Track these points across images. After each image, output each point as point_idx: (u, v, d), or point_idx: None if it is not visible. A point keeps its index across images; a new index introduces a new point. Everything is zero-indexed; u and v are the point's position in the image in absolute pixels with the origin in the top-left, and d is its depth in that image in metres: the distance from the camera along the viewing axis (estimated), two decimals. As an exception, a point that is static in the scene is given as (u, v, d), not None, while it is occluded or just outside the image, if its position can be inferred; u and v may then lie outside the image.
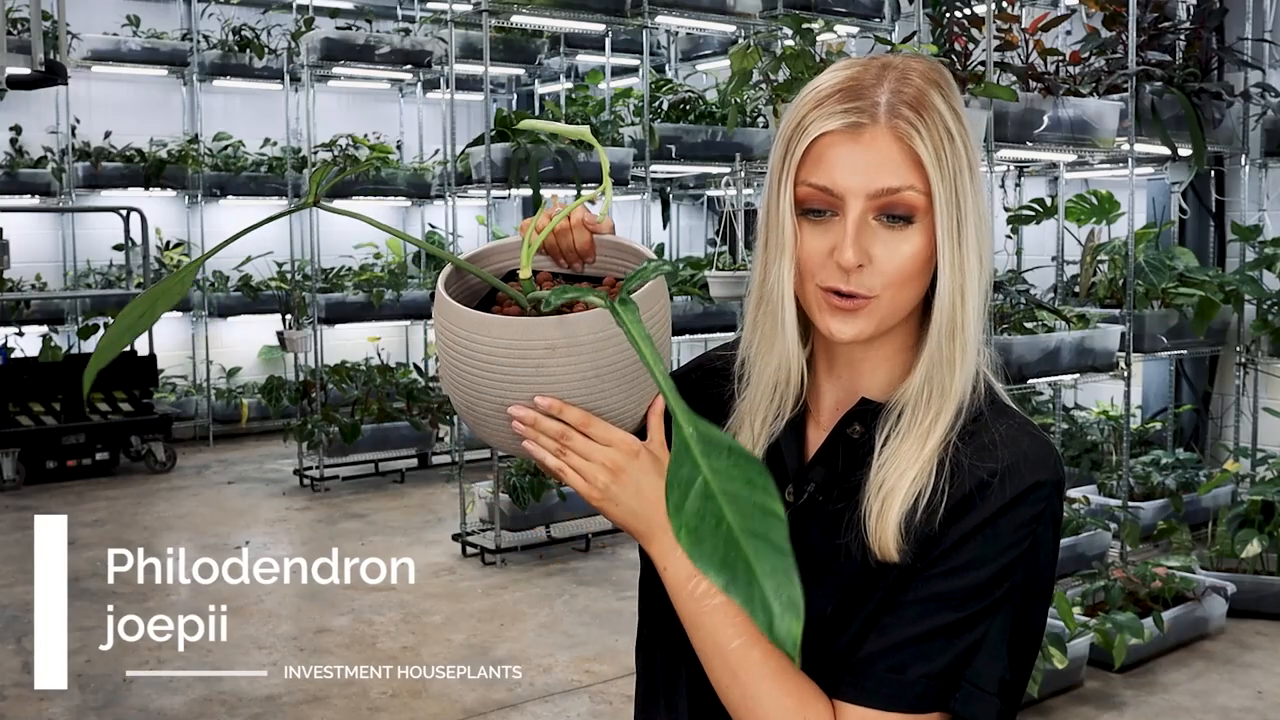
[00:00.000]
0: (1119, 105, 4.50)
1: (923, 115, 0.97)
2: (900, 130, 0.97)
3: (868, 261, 0.98)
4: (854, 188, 0.97)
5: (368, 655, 4.35)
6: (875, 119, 0.97)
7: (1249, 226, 5.23)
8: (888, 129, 0.97)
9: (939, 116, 0.98)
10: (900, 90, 0.98)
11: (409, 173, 8.30)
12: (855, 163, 0.97)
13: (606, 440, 0.98)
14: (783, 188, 1.01)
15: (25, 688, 4.08)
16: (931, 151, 0.97)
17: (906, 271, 0.99)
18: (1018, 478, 1.00)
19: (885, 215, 0.98)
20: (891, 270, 0.98)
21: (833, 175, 0.98)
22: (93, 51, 8.33)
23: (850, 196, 0.98)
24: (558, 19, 5.65)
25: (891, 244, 0.98)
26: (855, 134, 0.98)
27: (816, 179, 0.99)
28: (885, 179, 0.97)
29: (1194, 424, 5.86)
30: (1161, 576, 4.27)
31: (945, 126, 0.98)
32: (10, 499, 6.87)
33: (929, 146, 0.97)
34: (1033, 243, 6.12)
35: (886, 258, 0.98)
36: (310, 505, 6.77)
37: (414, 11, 8.41)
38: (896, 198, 0.97)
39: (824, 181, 0.98)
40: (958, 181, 0.98)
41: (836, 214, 0.99)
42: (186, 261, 8.78)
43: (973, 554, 0.99)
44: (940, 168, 0.97)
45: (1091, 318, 4.53)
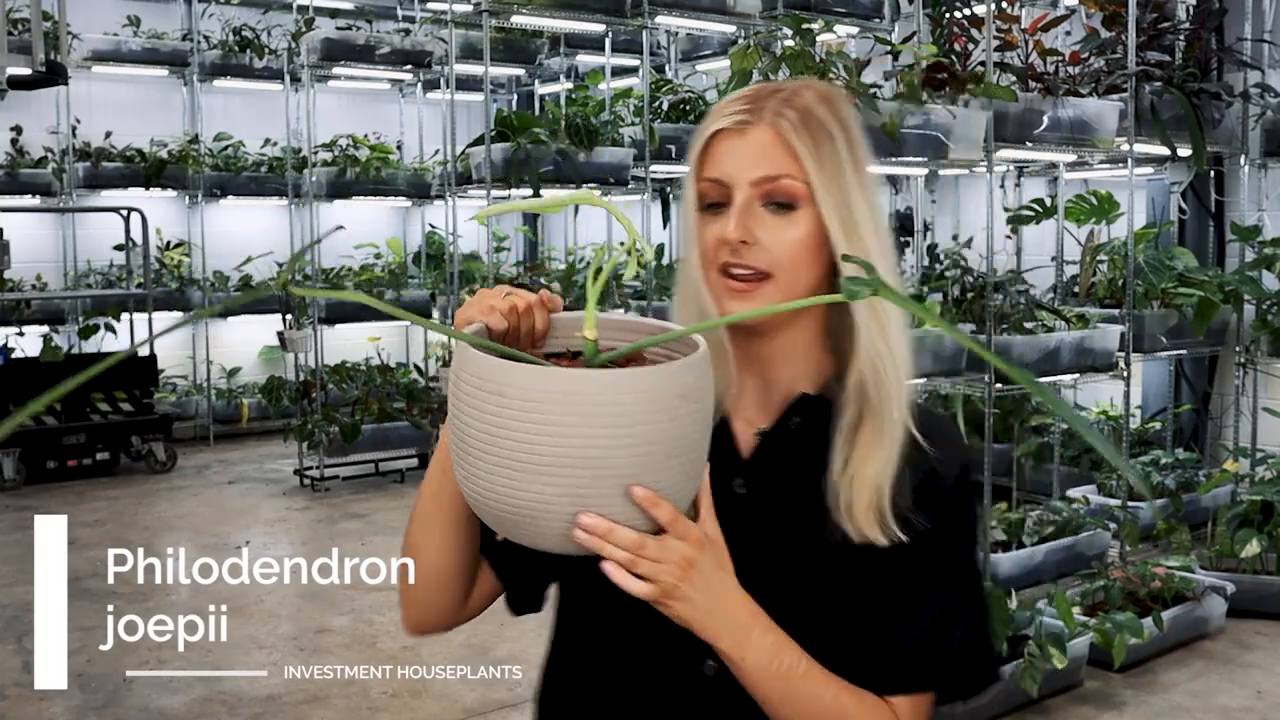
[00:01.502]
0: (1119, 105, 4.50)
1: (803, 117, 1.10)
2: (780, 128, 1.09)
3: (752, 239, 1.08)
4: (738, 176, 1.09)
5: (368, 655, 4.36)
6: (760, 118, 1.10)
7: (1248, 226, 5.23)
8: (769, 126, 1.09)
9: (819, 121, 1.10)
10: (787, 100, 1.11)
11: (409, 173, 8.30)
12: (739, 154, 1.10)
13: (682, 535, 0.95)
14: (687, 189, 1.13)
15: (25, 688, 4.08)
16: (809, 145, 1.08)
17: (792, 254, 1.08)
18: (960, 458, 1.14)
19: (769, 202, 1.09)
20: (778, 251, 1.08)
21: (722, 167, 1.10)
22: (93, 52, 8.33)
23: (736, 184, 1.09)
24: (558, 19, 5.66)
25: (777, 228, 1.09)
26: (741, 130, 1.10)
27: (710, 173, 1.11)
28: (765, 167, 1.09)
29: (1193, 424, 5.87)
30: (1161, 576, 4.27)
31: (825, 129, 1.10)
32: (10, 499, 6.88)
33: (806, 141, 1.08)
34: (1032, 243, 6.13)
35: (772, 240, 1.08)
36: (310, 505, 6.77)
37: (414, 12, 8.41)
38: (776, 185, 1.08)
39: (715, 174, 1.11)
40: (840, 177, 1.09)
41: (727, 204, 1.10)
42: (187, 261, 8.79)
43: (956, 534, 1.12)
44: (819, 161, 1.08)
45: (1091, 318, 4.54)
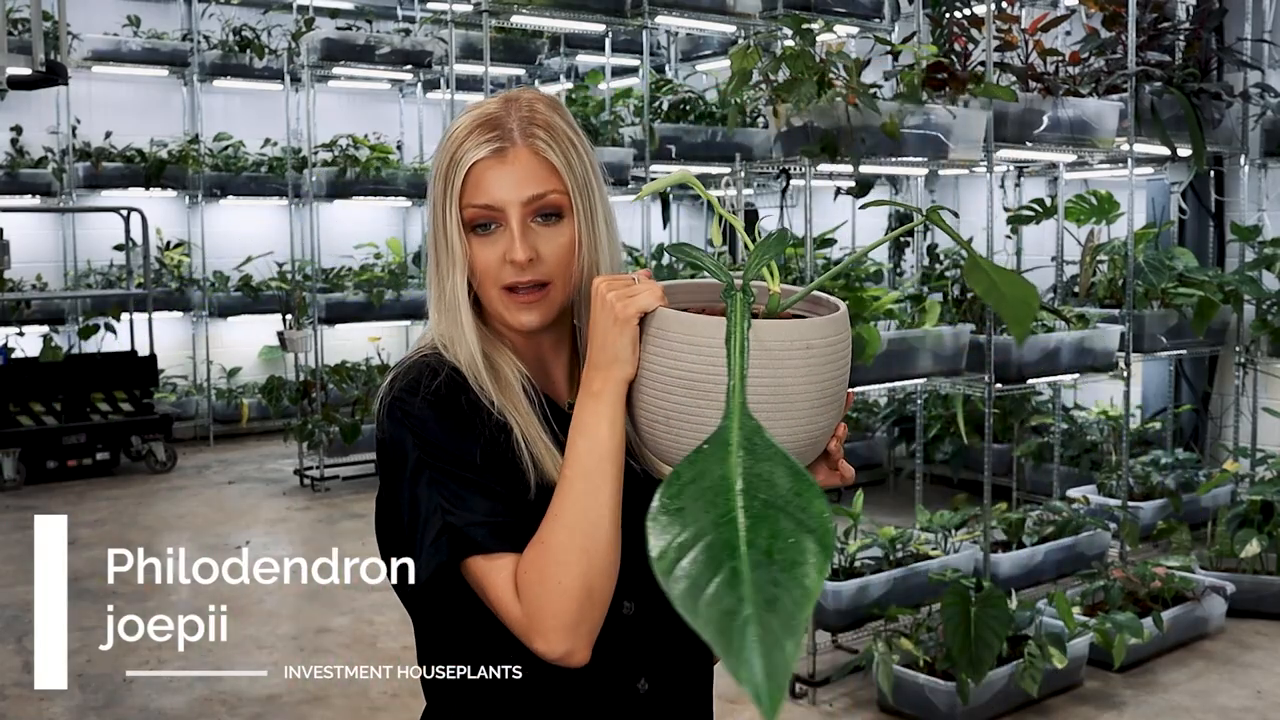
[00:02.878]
0: (1119, 105, 4.50)
1: (550, 132, 1.22)
2: (536, 147, 1.21)
3: (536, 256, 1.20)
4: (510, 200, 1.20)
5: (368, 655, 4.36)
6: (514, 141, 1.21)
7: (1248, 226, 5.23)
8: (525, 147, 1.21)
9: (561, 132, 1.23)
10: (529, 116, 1.23)
11: (409, 173, 8.29)
12: (506, 180, 1.20)
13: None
14: (448, 213, 1.22)
15: (25, 688, 4.08)
16: (562, 158, 1.21)
17: (565, 258, 1.22)
18: None
19: (539, 216, 1.21)
20: (555, 259, 1.21)
21: (491, 193, 1.20)
22: (93, 52, 8.33)
23: (509, 207, 1.21)
24: (558, 19, 5.65)
25: (550, 238, 1.21)
26: (501, 156, 1.21)
27: (478, 199, 1.21)
28: (533, 187, 1.21)
29: (1193, 424, 5.87)
30: (1161, 576, 4.27)
31: (569, 138, 1.23)
32: (11, 499, 6.88)
33: (559, 155, 1.21)
34: (1032, 243, 6.13)
35: (549, 250, 1.21)
36: (310, 505, 6.77)
37: (414, 12, 8.41)
38: (545, 200, 1.21)
39: (485, 200, 1.21)
40: (587, 179, 1.23)
41: (501, 224, 1.21)
42: (187, 261, 8.79)
43: None
44: (571, 170, 1.22)
45: (1091, 318, 4.54)
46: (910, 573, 4.15)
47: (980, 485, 4.24)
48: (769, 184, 6.72)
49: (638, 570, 1.05)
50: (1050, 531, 4.54)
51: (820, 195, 6.09)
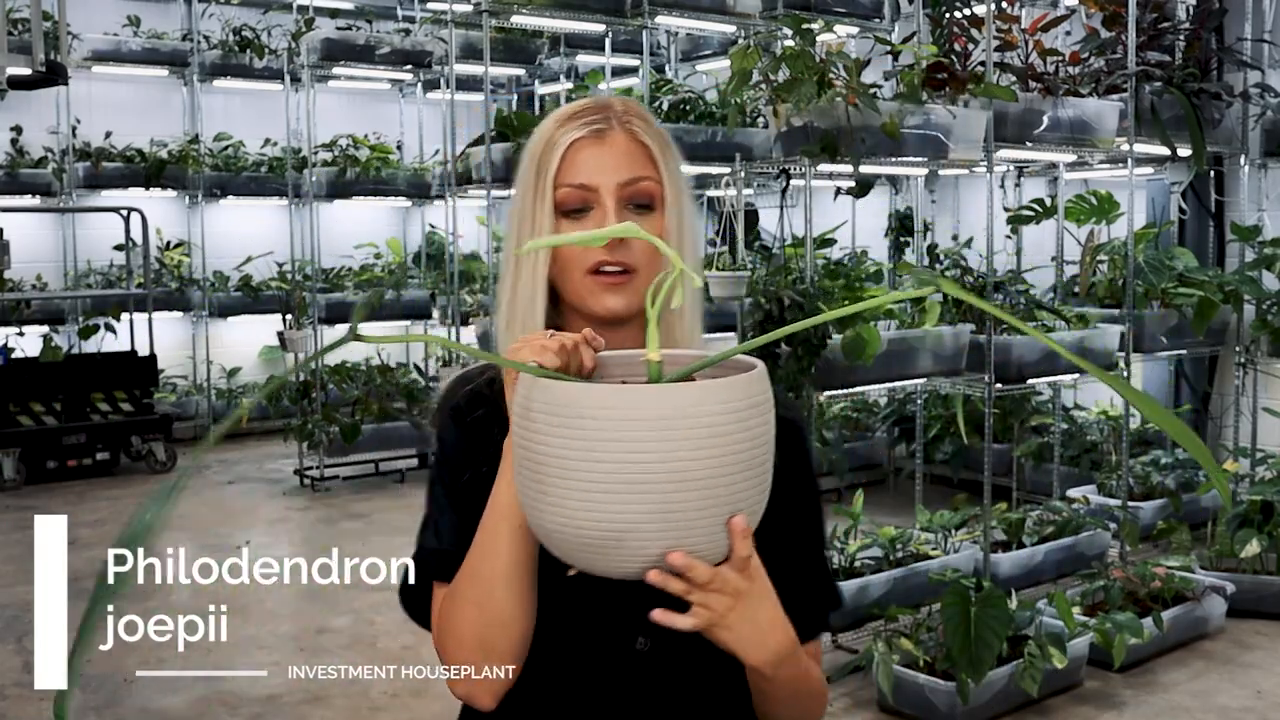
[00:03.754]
0: (1119, 105, 4.50)
1: (646, 122, 1.22)
2: (634, 131, 1.20)
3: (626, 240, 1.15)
4: (606, 180, 1.18)
5: (368, 655, 4.36)
6: (611, 125, 1.19)
7: (1248, 227, 5.23)
8: (623, 131, 1.19)
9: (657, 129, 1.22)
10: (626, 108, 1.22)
11: (409, 173, 8.30)
12: (603, 159, 1.18)
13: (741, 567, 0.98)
14: (540, 196, 1.18)
15: (25, 688, 4.08)
16: (659, 149, 1.20)
17: (651, 249, 1.16)
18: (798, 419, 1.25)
19: (633, 203, 1.19)
20: (643, 248, 1.17)
21: (587, 173, 1.18)
22: (93, 52, 8.33)
23: (605, 188, 1.18)
24: (558, 19, 5.65)
25: (643, 225, 1.13)
26: (599, 137, 1.18)
27: (574, 179, 1.18)
28: (630, 170, 1.18)
29: (1193, 424, 5.86)
30: (1161, 576, 4.27)
31: (663, 137, 1.22)
32: (11, 499, 6.88)
33: (656, 144, 1.20)
34: (1032, 243, 6.13)
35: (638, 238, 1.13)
36: (310, 505, 6.77)
37: (414, 12, 8.41)
38: (640, 186, 1.18)
39: (581, 179, 1.18)
40: (678, 179, 1.21)
41: (593, 207, 1.18)
42: (187, 261, 8.79)
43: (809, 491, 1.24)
44: (666, 163, 1.20)
45: (1091, 318, 4.54)
46: (910, 573, 4.15)
47: (980, 485, 4.24)
48: (769, 184, 6.72)
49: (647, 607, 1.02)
50: (1050, 531, 4.54)
51: (820, 195, 6.09)
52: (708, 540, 0.93)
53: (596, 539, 0.92)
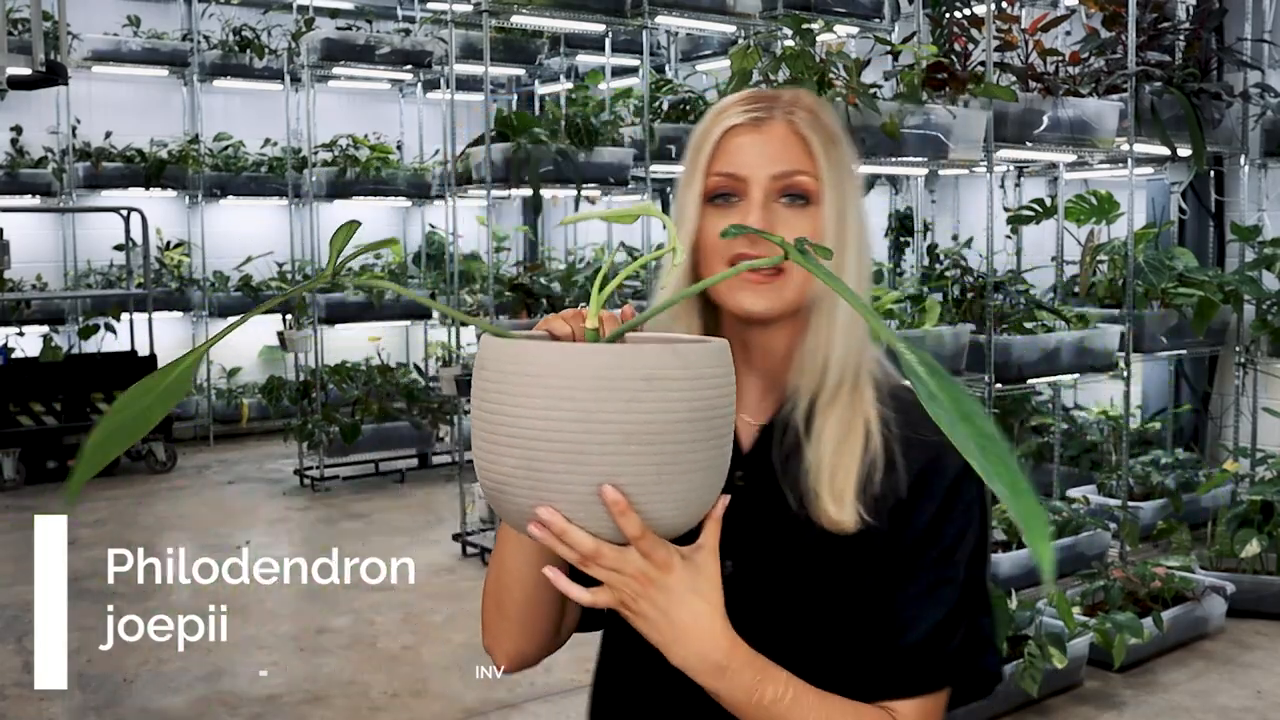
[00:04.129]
0: (1119, 105, 4.50)
1: (813, 116, 1.13)
2: (795, 123, 1.11)
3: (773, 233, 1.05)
4: (756, 170, 1.10)
5: (368, 655, 4.36)
6: (773, 114, 1.12)
7: (1248, 226, 5.23)
8: (784, 122, 1.12)
9: (825, 124, 1.13)
10: (794, 99, 1.14)
11: (409, 173, 8.30)
12: (757, 149, 1.11)
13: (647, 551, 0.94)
14: (690, 183, 1.13)
15: (25, 688, 4.08)
16: (822, 144, 1.11)
17: None
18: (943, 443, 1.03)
19: (785, 196, 1.11)
20: None
21: (738, 161, 1.11)
22: (93, 52, 8.33)
23: (754, 179, 1.10)
24: (558, 19, 5.65)
25: (793, 223, 1.09)
26: (757, 125, 1.11)
27: (724, 167, 1.11)
28: (783, 162, 1.10)
29: (1193, 424, 5.86)
30: (1161, 576, 4.27)
31: (831, 131, 1.13)
32: (10, 499, 6.88)
33: (819, 139, 1.11)
34: (1032, 243, 6.13)
35: (788, 234, 1.05)
36: (310, 505, 6.77)
37: (414, 12, 8.41)
38: (793, 180, 1.10)
39: (731, 168, 1.11)
40: (843, 178, 1.12)
41: (741, 198, 1.11)
42: (187, 261, 8.79)
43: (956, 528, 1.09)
44: (829, 159, 1.11)
45: (1091, 318, 4.53)
46: (910, 573, 4.14)
47: None
48: (769, 184, 6.70)
49: None
50: (1050, 531, 4.53)
51: (820, 195, 6.07)
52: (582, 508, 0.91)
53: (490, 486, 0.94)
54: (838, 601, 1.09)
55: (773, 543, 1.11)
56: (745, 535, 1.10)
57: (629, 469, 0.89)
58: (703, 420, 0.91)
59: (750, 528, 1.10)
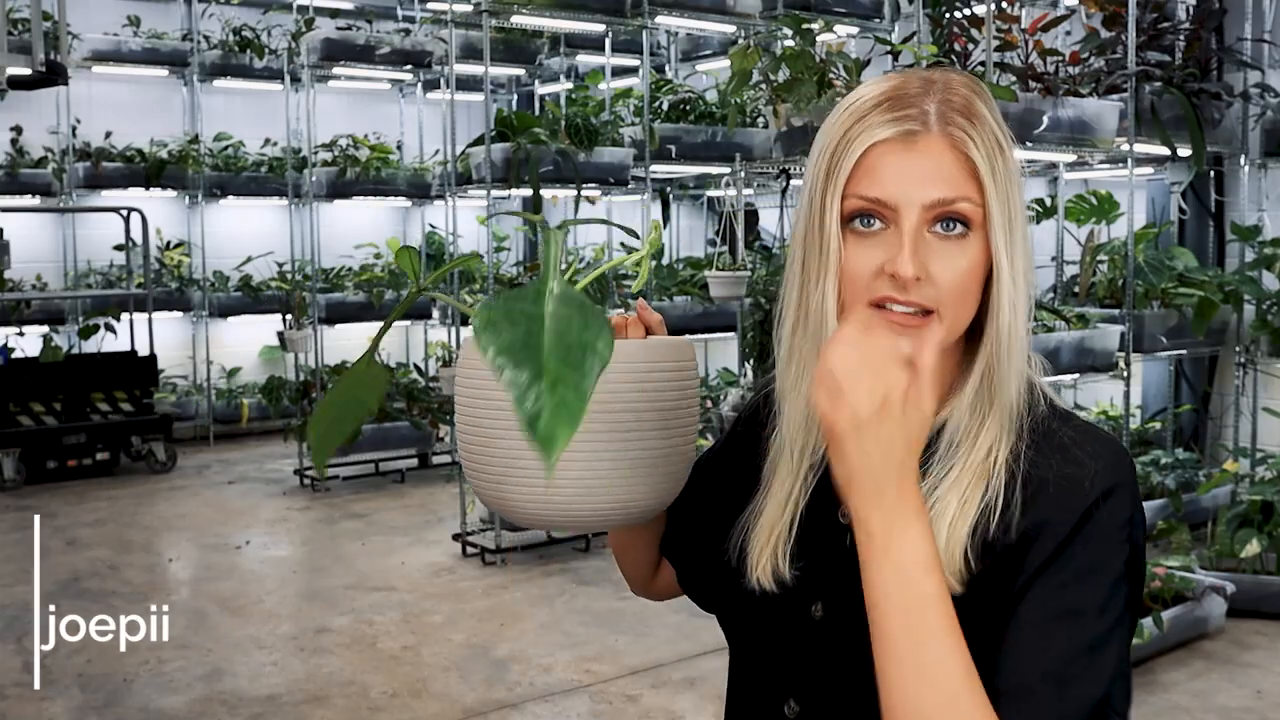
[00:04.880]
0: (1118, 105, 4.50)
1: (974, 124, 0.94)
2: (955, 138, 0.94)
3: (925, 275, 0.93)
4: (910, 198, 0.93)
5: (368, 655, 4.36)
6: (928, 126, 0.94)
7: (1248, 227, 5.23)
8: (942, 136, 0.94)
9: (989, 127, 0.95)
10: (949, 99, 0.95)
11: (409, 173, 8.30)
12: (911, 172, 0.93)
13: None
14: (829, 204, 0.95)
15: (25, 688, 4.08)
16: (986, 161, 0.94)
17: (964, 285, 0.94)
18: (1101, 479, 0.93)
19: (941, 225, 0.94)
20: (948, 284, 0.93)
21: (886, 186, 0.94)
22: (93, 52, 8.34)
23: (905, 207, 0.93)
24: (558, 19, 5.66)
25: (948, 257, 0.94)
26: (909, 142, 0.94)
27: (868, 191, 0.94)
28: (942, 189, 0.93)
29: (1193, 424, 5.86)
30: (1161, 576, 4.27)
31: (995, 137, 0.95)
32: (11, 499, 6.88)
33: (984, 155, 0.94)
34: (1032, 243, 6.13)
35: (943, 271, 0.93)
36: (310, 505, 6.77)
37: (414, 12, 8.41)
38: (953, 208, 0.93)
39: (876, 193, 0.94)
40: (1010, 192, 0.95)
41: (886, 225, 0.94)
42: (187, 261, 8.79)
43: (1086, 560, 0.91)
44: (995, 178, 0.94)
45: (1091, 318, 4.53)
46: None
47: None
48: (769, 184, 6.71)
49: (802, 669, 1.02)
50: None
51: (820, 195, 6.07)
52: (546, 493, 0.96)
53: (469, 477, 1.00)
54: None
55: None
56: (841, 576, 0.97)
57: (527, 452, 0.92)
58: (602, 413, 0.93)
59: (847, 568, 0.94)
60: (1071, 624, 0.90)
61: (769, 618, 1.04)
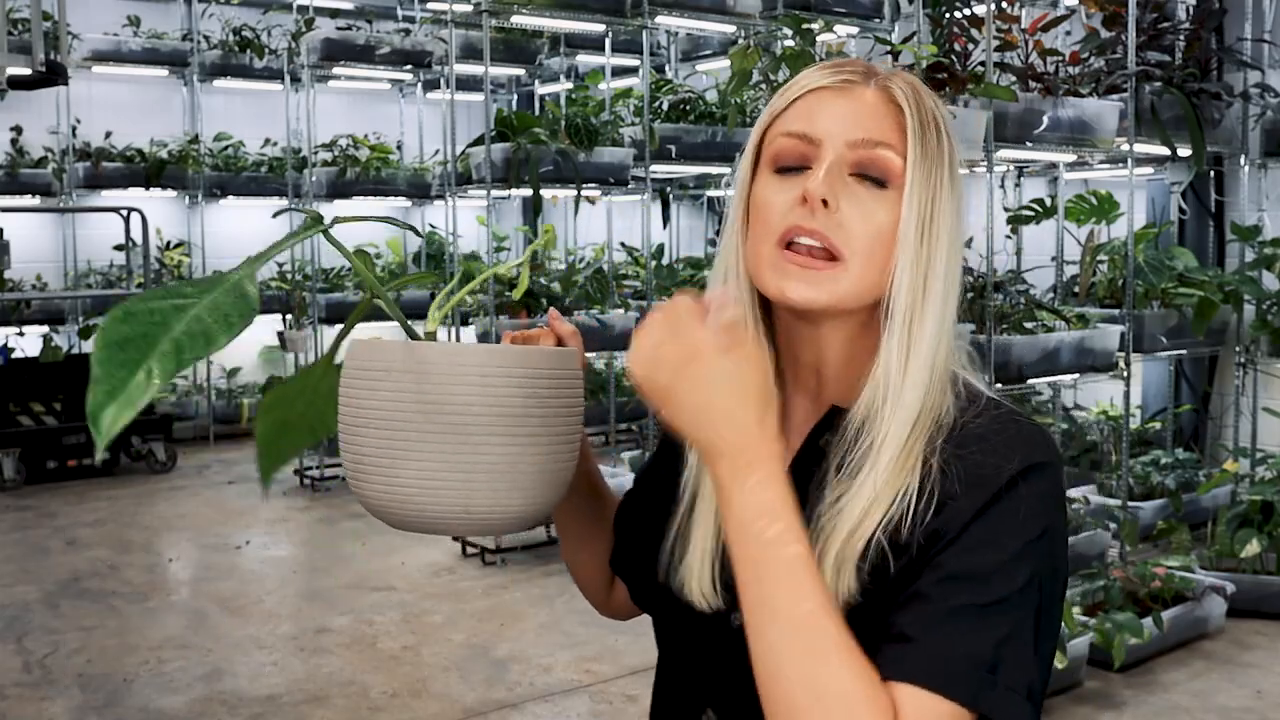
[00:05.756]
0: (1118, 105, 4.50)
1: (915, 90, 0.96)
2: (890, 91, 0.95)
3: (835, 206, 0.92)
4: (833, 133, 0.94)
5: (368, 655, 4.36)
6: (867, 81, 0.96)
7: (1248, 227, 5.23)
8: (878, 89, 0.96)
9: (929, 103, 0.96)
10: (895, 72, 0.98)
11: (409, 173, 8.30)
12: (839, 111, 0.95)
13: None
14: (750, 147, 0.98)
15: (25, 687, 4.08)
16: (916, 121, 0.94)
17: (875, 238, 0.92)
18: (1013, 458, 0.91)
19: (860, 173, 0.93)
20: (859, 231, 0.92)
21: (814, 122, 0.95)
22: (93, 52, 8.33)
23: (828, 140, 0.94)
24: (558, 19, 5.65)
25: (864, 204, 0.93)
26: (845, 89, 0.96)
27: (794, 126, 0.95)
28: (867, 129, 0.93)
29: (1193, 424, 5.87)
30: (1161, 576, 4.27)
31: (933, 115, 0.95)
32: (11, 499, 6.87)
33: (914, 114, 0.94)
34: (1032, 243, 6.13)
35: (856, 217, 0.92)
36: (310, 505, 6.77)
37: (414, 12, 8.41)
38: (874, 153, 0.93)
39: (803, 128, 0.95)
40: (935, 169, 0.94)
41: (810, 167, 0.94)
42: (187, 261, 8.79)
43: (984, 533, 0.88)
44: (922, 142, 0.93)
45: (1091, 318, 4.53)
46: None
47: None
48: (769, 184, 6.71)
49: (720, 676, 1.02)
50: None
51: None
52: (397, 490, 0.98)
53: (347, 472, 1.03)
54: None
55: None
56: None
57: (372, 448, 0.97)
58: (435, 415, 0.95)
59: None
60: (962, 587, 0.87)
61: (691, 627, 1.03)
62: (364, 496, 1.00)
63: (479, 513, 0.97)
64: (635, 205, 7.97)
